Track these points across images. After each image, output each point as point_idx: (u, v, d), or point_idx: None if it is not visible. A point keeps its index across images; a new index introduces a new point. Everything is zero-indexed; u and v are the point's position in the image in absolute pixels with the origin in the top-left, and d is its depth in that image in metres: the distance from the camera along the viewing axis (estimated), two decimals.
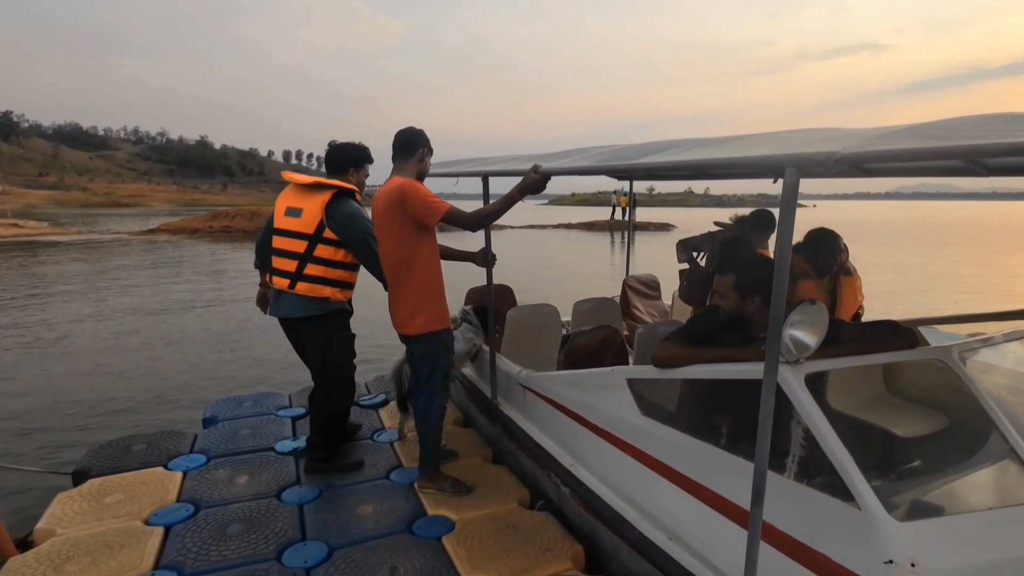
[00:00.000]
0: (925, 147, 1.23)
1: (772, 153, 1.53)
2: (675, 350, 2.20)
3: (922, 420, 2.19)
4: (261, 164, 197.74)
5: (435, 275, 2.75)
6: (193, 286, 11.59)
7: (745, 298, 2.17)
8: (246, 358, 6.61)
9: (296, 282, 2.94)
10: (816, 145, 1.46)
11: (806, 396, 1.75)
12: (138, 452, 3.40)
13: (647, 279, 4.88)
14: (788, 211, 1.45)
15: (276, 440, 3.58)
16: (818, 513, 1.69)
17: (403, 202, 2.58)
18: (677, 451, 2.16)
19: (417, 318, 2.72)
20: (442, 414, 2.91)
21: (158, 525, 2.63)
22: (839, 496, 1.64)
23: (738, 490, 1.90)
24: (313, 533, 2.59)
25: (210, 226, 25.86)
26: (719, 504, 1.96)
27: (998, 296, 10.89)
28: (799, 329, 1.70)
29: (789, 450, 1.82)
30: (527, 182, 2.53)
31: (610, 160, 2.35)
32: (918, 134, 1.35)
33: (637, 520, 2.27)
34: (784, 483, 1.77)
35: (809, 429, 1.73)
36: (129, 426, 4.58)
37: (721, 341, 2.19)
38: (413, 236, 2.64)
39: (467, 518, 2.67)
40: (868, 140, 1.38)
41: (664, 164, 1.99)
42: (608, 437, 2.52)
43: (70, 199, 79.14)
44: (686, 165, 1.83)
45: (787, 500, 1.74)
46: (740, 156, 1.68)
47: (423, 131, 2.85)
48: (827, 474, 1.69)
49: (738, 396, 2.10)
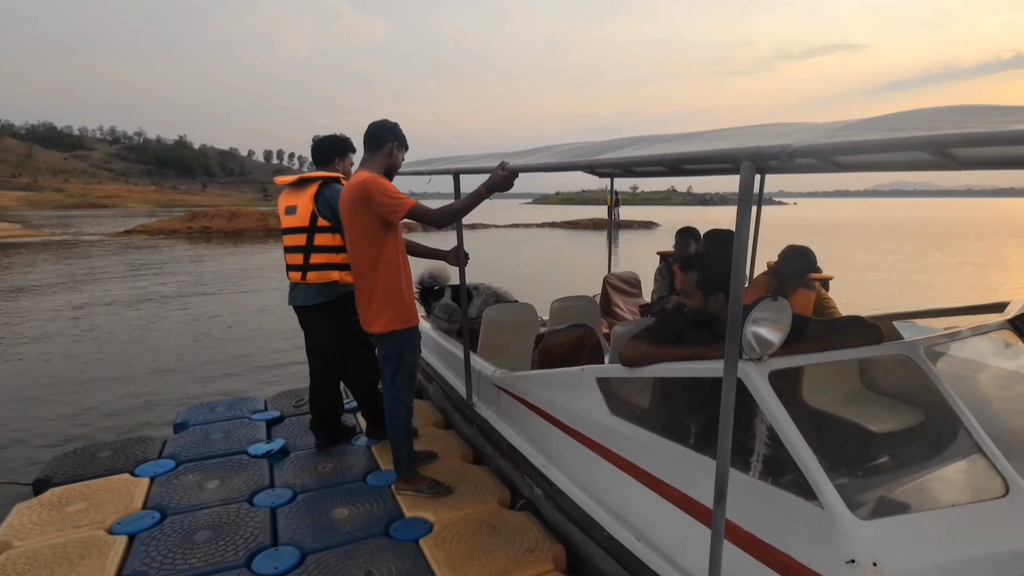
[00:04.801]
0: (879, 139, 1.23)
1: (729, 147, 1.53)
2: (643, 348, 2.19)
3: (897, 416, 2.20)
4: (242, 164, 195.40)
5: (400, 273, 2.71)
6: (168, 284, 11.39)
7: (708, 296, 2.17)
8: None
9: (306, 272, 3.14)
10: (773, 139, 1.45)
11: (769, 393, 1.75)
12: (103, 459, 3.32)
13: (628, 277, 4.89)
14: (745, 205, 1.44)
15: (249, 443, 3.51)
16: (782, 512, 1.68)
17: (366, 198, 2.54)
18: (645, 451, 2.15)
19: (381, 316, 2.69)
20: (409, 413, 2.87)
21: (122, 534, 2.56)
22: (803, 495, 1.63)
23: (704, 490, 1.89)
24: (285, 538, 2.53)
25: (189, 227, 25.50)
26: (686, 504, 1.96)
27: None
28: (761, 326, 1.70)
29: (754, 449, 1.82)
30: (494, 179, 2.51)
31: (575, 156, 2.34)
32: (873, 126, 1.36)
33: (607, 522, 2.26)
34: (749, 482, 1.77)
35: (773, 427, 1.73)
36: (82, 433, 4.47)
37: (689, 339, 2.19)
38: (377, 233, 2.60)
39: (446, 519, 2.64)
40: (823, 133, 1.38)
41: (626, 159, 1.98)
42: (579, 437, 2.51)
43: (44, 200, 77.48)
44: (646, 160, 1.82)
45: (752, 499, 1.74)
46: (698, 150, 1.67)
47: (395, 124, 2.79)
48: (792, 473, 1.69)
49: (705, 395, 2.11)
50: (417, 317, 2.82)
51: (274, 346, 7.15)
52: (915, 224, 36.89)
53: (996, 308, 2.55)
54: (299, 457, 3.36)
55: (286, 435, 3.66)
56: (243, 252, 18.84)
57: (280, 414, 4.01)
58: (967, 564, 1.53)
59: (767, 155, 1.38)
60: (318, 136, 3.33)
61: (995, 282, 12.37)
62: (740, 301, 1.51)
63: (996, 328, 2.27)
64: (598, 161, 2.07)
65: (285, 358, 6.57)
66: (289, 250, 3.19)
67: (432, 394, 4.28)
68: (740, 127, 1.99)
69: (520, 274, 12.44)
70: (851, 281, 11.70)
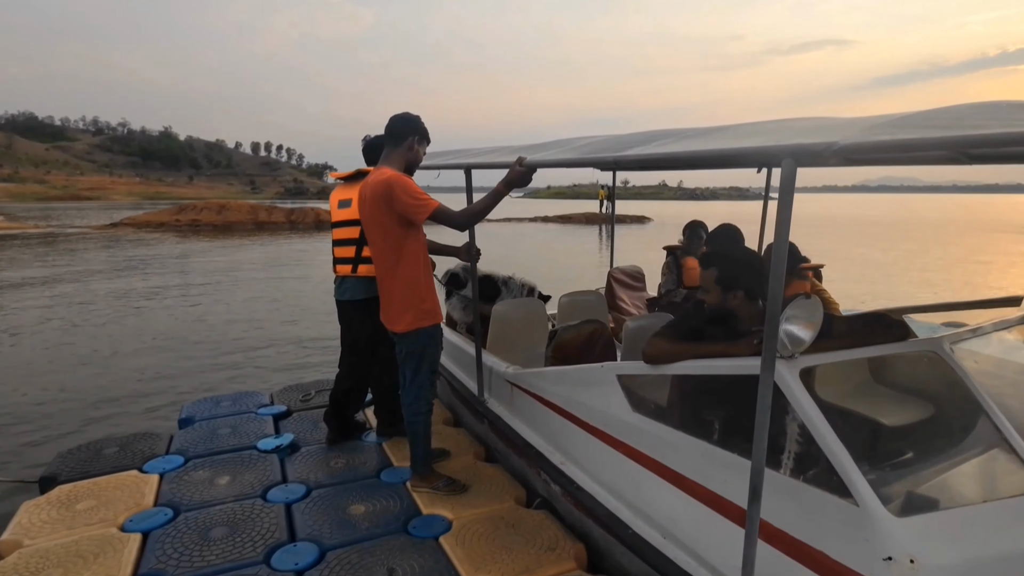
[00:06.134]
0: (927, 137, 1.22)
1: (768, 144, 1.52)
2: (665, 346, 2.19)
3: (908, 408, 2.21)
4: (229, 156, 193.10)
5: (422, 271, 2.68)
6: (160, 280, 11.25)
7: (728, 292, 2.17)
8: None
9: (357, 266, 3.16)
10: (812, 135, 1.45)
11: (801, 391, 1.76)
12: (110, 456, 3.27)
13: (632, 271, 4.88)
14: (786, 202, 1.44)
15: (258, 438, 3.48)
16: (815, 510, 1.69)
17: (389, 197, 2.50)
18: (670, 448, 2.15)
19: (405, 315, 2.66)
20: (429, 411, 2.86)
21: (135, 531, 2.52)
22: (836, 492, 1.64)
23: (733, 487, 1.90)
24: (303, 534, 2.51)
25: (176, 220, 25.14)
26: (714, 501, 1.96)
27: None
28: (794, 323, 1.71)
29: (784, 446, 1.82)
30: (512, 175, 2.49)
31: (596, 152, 2.31)
32: (915, 123, 1.35)
33: (630, 519, 2.25)
34: (780, 480, 1.77)
35: (805, 425, 1.74)
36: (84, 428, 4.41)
37: (709, 336, 2.20)
38: (400, 232, 2.57)
39: (464, 517, 2.62)
40: (867, 130, 1.37)
41: (654, 156, 1.96)
42: (598, 434, 2.50)
43: (26, 192, 76.09)
44: (676, 157, 1.81)
45: (783, 497, 1.74)
46: (735, 147, 1.66)
47: (417, 117, 2.72)
48: (823, 470, 1.69)
49: (729, 391, 2.11)
50: (440, 315, 2.79)
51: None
52: (909, 219, 37.27)
53: (1011, 302, 2.57)
54: (310, 452, 3.34)
55: (294, 430, 3.63)
56: (244, 246, 18.63)
57: (287, 408, 3.97)
58: (1003, 561, 1.54)
59: (811, 152, 1.38)
60: (369, 136, 3.34)
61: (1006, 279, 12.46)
62: (779, 299, 1.51)
63: (1018, 323, 2.29)
64: (623, 157, 2.04)
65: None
66: (339, 243, 3.21)
67: (440, 391, 4.26)
68: (763, 121, 1.99)
69: (523, 268, 12.40)
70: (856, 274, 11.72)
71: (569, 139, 2.94)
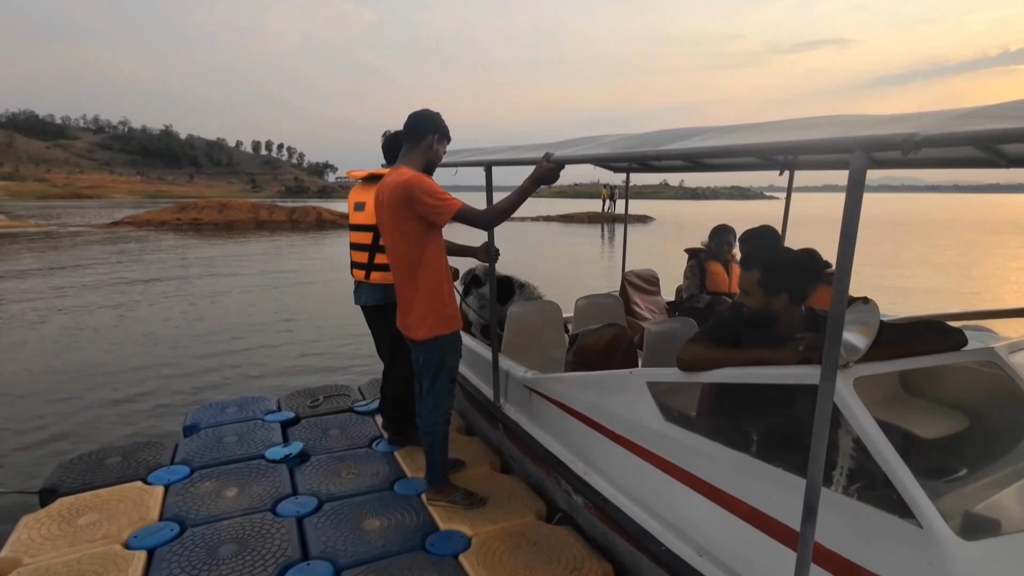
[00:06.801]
0: (1014, 127, 1.11)
1: (839, 136, 1.39)
2: (702, 352, 2.07)
3: (941, 420, 2.10)
4: (229, 155, 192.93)
5: (442, 276, 2.56)
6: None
7: (771, 295, 2.06)
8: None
9: (370, 272, 3.10)
10: (882, 127, 1.33)
11: (857, 403, 1.64)
12: (113, 466, 3.15)
13: (646, 274, 4.77)
14: (855, 199, 1.32)
15: (266, 447, 3.36)
16: (872, 530, 1.58)
17: (409, 198, 2.38)
18: (706, 460, 2.03)
19: (424, 322, 2.54)
20: (447, 420, 2.74)
21: (140, 548, 2.41)
22: (896, 512, 1.53)
23: (777, 503, 1.79)
24: (316, 551, 2.39)
25: (178, 219, 25.00)
26: (755, 518, 1.84)
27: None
28: (849, 330, 1.59)
29: (836, 461, 1.71)
30: (540, 171, 2.36)
31: (633, 147, 2.19)
32: (999, 114, 1.24)
33: (661, 533, 2.14)
34: (832, 497, 1.66)
35: (860, 439, 1.62)
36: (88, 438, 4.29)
37: (747, 341, 2.08)
38: (419, 235, 2.45)
39: (483, 533, 2.51)
40: (949, 121, 1.26)
41: (699, 150, 1.82)
42: (626, 443, 2.39)
43: (27, 190, 75.93)
44: (729, 150, 1.67)
45: (836, 515, 1.63)
46: (797, 140, 1.54)
47: (437, 114, 2.58)
48: (881, 488, 1.58)
49: (771, 400, 1.99)
50: (460, 321, 2.67)
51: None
52: (916, 219, 37.04)
53: None
54: (320, 462, 3.22)
55: (303, 437, 3.52)
56: (248, 243, 18.52)
57: (295, 415, 3.86)
58: None
59: (887, 144, 1.26)
60: (389, 132, 3.20)
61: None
62: (844, 302, 1.40)
63: None
64: (667, 152, 1.90)
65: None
66: (355, 247, 3.15)
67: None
68: (801, 118, 1.87)
69: (529, 268, 12.29)
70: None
71: (593, 136, 2.82)
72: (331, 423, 3.72)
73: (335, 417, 3.83)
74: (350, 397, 4.17)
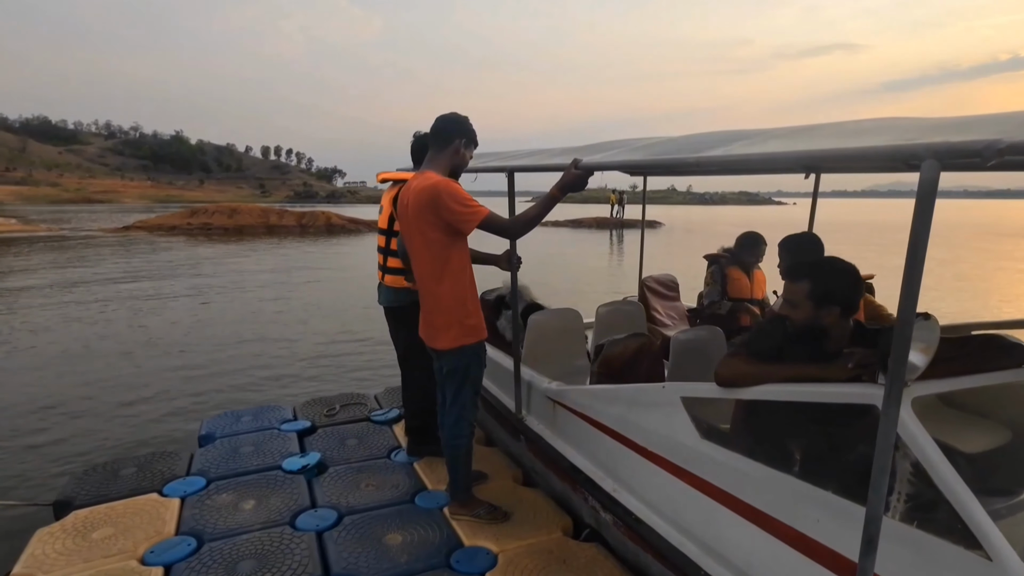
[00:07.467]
0: None
1: (906, 143, 1.31)
2: (744, 367, 1.98)
3: (982, 433, 1.99)
4: (239, 160, 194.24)
5: (468, 283, 2.49)
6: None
7: (821, 308, 1.96)
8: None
9: (384, 275, 3.18)
10: (951, 133, 1.25)
11: (916, 425, 1.55)
12: (128, 477, 3.09)
13: (665, 279, 4.67)
14: (925, 209, 1.24)
15: (283, 457, 3.29)
16: (934, 560, 1.48)
17: (436, 204, 2.31)
18: (746, 480, 1.94)
19: (448, 332, 2.47)
20: (471, 433, 2.66)
21: (156, 564, 2.34)
22: (961, 543, 1.43)
23: (826, 528, 1.70)
24: (338, 568, 2.31)
25: (188, 223, 25.13)
26: (803, 544, 1.75)
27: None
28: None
29: (893, 487, 1.61)
30: (567, 179, 2.29)
31: (667, 153, 2.10)
32: None
33: (698, 555, 2.05)
34: (890, 525, 1.56)
35: (920, 463, 1.53)
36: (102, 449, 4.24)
37: (790, 356, 1.99)
38: (445, 242, 2.38)
39: (509, 550, 2.42)
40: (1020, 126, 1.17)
41: (743, 157, 1.74)
42: (658, 460, 2.30)
43: (39, 195, 76.65)
44: (784, 157, 1.58)
45: (894, 545, 1.54)
46: (861, 147, 1.45)
47: (465, 118, 2.51)
48: (944, 516, 1.49)
49: (814, 418, 1.90)
50: (484, 330, 2.59)
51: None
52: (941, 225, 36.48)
53: None
54: (338, 473, 3.15)
55: (320, 447, 3.45)
56: (260, 250, 18.56)
57: (311, 424, 3.79)
58: None
59: (964, 152, 1.17)
60: (419, 133, 3.16)
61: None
62: (911, 318, 1.31)
63: None
64: (707, 159, 1.82)
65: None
66: (378, 249, 3.24)
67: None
68: (848, 121, 1.79)
69: (545, 277, 12.21)
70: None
71: (620, 140, 2.74)
72: (348, 432, 3.65)
73: (352, 426, 3.76)
74: (367, 406, 4.10)
